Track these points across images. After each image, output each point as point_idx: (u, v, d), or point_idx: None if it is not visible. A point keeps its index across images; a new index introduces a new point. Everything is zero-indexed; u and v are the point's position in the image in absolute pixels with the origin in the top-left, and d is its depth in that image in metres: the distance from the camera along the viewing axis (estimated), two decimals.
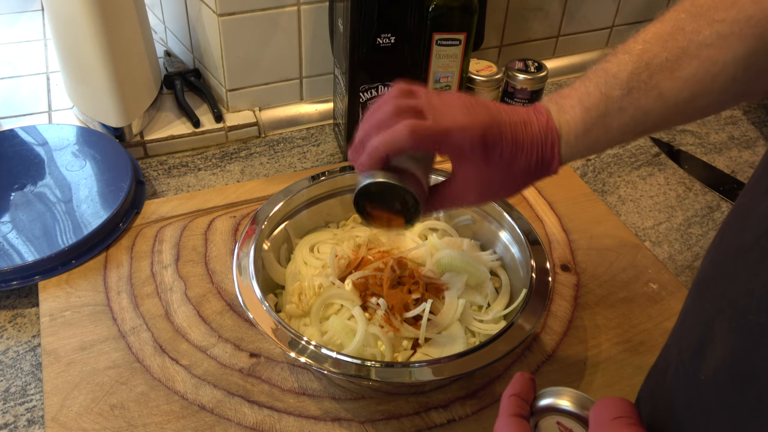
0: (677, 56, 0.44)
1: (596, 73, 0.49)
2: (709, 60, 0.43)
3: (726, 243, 0.35)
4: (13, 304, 0.69)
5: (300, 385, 0.61)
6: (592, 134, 0.49)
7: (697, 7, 0.44)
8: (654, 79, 0.46)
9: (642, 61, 0.46)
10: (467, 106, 0.49)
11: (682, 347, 0.36)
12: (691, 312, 0.36)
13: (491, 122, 0.48)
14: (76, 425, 0.57)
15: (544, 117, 0.49)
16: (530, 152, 0.49)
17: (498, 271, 0.69)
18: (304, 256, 0.69)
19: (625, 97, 0.47)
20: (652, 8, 1.19)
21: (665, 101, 0.46)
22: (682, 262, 0.79)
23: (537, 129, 0.49)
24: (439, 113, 0.48)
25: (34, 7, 1.22)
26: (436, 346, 0.61)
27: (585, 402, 0.41)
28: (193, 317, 0.67)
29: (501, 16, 1.05)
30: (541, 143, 0.49)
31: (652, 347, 0.66)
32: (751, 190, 0.34)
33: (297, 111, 0.98)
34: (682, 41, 0.44)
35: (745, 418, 0.30)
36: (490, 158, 0.49)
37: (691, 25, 0.44)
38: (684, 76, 0.44)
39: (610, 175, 0.92)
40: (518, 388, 0.43)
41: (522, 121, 0.49)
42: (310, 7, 0.89)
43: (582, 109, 0.48)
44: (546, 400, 0.42)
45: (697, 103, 0.46)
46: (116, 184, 0.78)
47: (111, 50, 0.81)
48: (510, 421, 0.41)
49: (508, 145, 0.49)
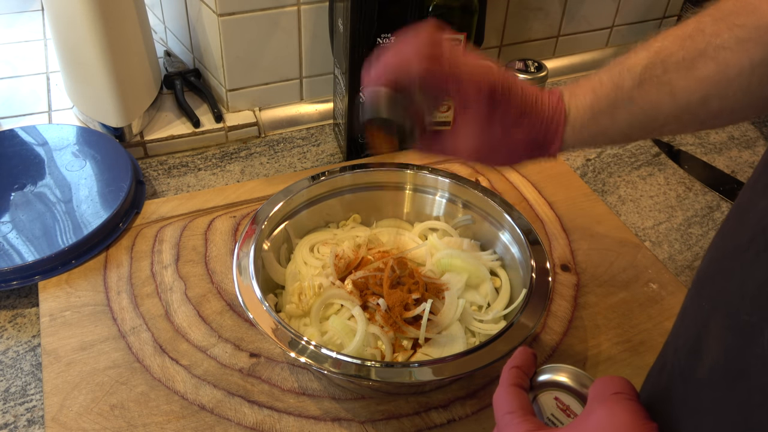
0: (694, 56, 0.45)
1: (613, 66, 0.49)
2: (725, 63, 0.44)
3: (724, 242, 0.35)
4: (13, 304, 0.69)
5: (300, 385, 0.61)
6: (599, 123, 0.49)
7: (720, 11, 0.45)
8: (667, 76, 0.46)
9: (658, 57, 0.46)
10: (486, 64, 0.50)
11: (678, 346, 0.36)
12: (689, 311, 0.37)
13: (503, 81, 0.49)
14: (76, 425, 0.57)
15: (555, 97, 0.51)
16: (533, 124, 0.50)
17: (498, 271, 0.69)
18: (304, 256, 0.69)
19: (635, 89, 0.47)
20: (652, 8, 1.19)
21: (677, 99, 0.46)
22: (682, 262, 0.79)
23: (547, 106, 0.50)
24: (456, 57, 0.49)
25: (34, 7, 1.22)
26: (436, 346, 0.61)
27: (584, 379, 0.42)
28: (193, 317, 0.67)
29: (501, 16, 1.05)
30: (548, 120, 0.50)
31: (652, 347, 0.66)
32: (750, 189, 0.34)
33: (297, 111, 0.98)
34: (700, 42, 0.45)
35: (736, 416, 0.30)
36: (493, 116, 0.50)
37: (711, 27, 0.44)
38: (699, 77, 0.45)
39: (610, 175, 0.92)
40: (519, 361, 0.44)
41: (534, 95, 0.51)
42: (310, 7, 0.89)
43: (593, 96, 0.49)
44: (545, 375, 0.43)
45: (710, 106, 0.46)
46: (116, 184, 0.78)
47: (111, 50, 0.81)
48: (510, 390, 0.42)
49: (513, 107, 0.50)
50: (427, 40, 0.49)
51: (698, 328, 0.34)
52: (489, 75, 0.49)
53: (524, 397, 0.42)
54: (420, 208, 0.75)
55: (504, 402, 0.42)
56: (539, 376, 0.43)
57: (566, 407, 0.42)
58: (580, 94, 0.50)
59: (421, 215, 0.76)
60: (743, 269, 0.31)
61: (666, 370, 0.37)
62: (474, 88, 0.49)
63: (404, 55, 0.49)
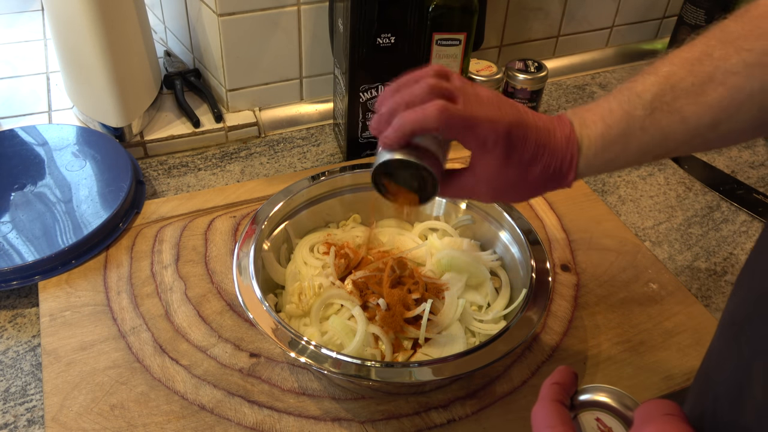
0: (703, 81, 0.44)
1: (621, 92, 0.48)
2: (734, 88, 0.43)
3: (762, 283, 0.34)
4: (13, 304, 0.69)
5: (300, 385, 0.61)
6: (611, 151, 0.49)
7: (727, 34, 0.44)
8: (678, 103, 0.45)
9: (668, 84, 0.46)
10: (498, 102, 0.49)
11: (718, 393, 0.35)
12: (725, 353, 0.35)
13: (518, 122, 0.48)
14: (76, 425, 0.57)
15: (567, 128, 0.50)
16: (549, 160, 0.49)
17: (498, 271, 0.69)
18: (304, 256, 0.69)
19: (647, 117, 0.46)
20: (652, 8, 1.19)
21: (687, 125, 0.45)
22: (682, 262, 0.79)
23: (560, 139, 0.49)
24: (470, 101, 0.48)
25: (34, 7, 1.22)
26: (436, 346, 0.61)
27: (626, 400, 0.40)
28: (193, 317, 0.67)
29: (501, 16, 1.05)
30: (562, 154, 0.49)
31: (652, 347, 0.66)
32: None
33: (297, 111, 0.98)
34: (708, 66, 0.44)
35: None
36: (510, 157, 0.49)
37: (719, 51, 0.44)
38: (708, 102, 0.44)
39: (610, 175, 0.92)
40: (560, 378, 0.42)
41: (546, 128, 0.50)
42: (310, 7, 0.89)
43: (604, 126, 0.48)
44: (586, 395, 0.41)
45: (720, 130, 0.45)
46: (116, 184, 0.78)
47: (111, 50, 0.81)
48: (551, 406, 0.40)
49: (530, 147, 0.49)
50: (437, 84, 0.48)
51: (739, 373, 0.33)
52: (505, 116, 0.48)
53: (565, 413, 0.40)
54: (420, 208, 0.75)
55: (545, 416, 0.40)
56: (580, 396, 0.42)
57: (608, 429, 0.41)
58: (591, 123, 0.49)
59: (421, 215, 0.76)
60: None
61: (705, 419, 0.36)
62: (492, 133, 0.48)
63: (416, 105, 0.48)
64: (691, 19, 1.11)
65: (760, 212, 0.86)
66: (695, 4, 1.09)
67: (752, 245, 0.36)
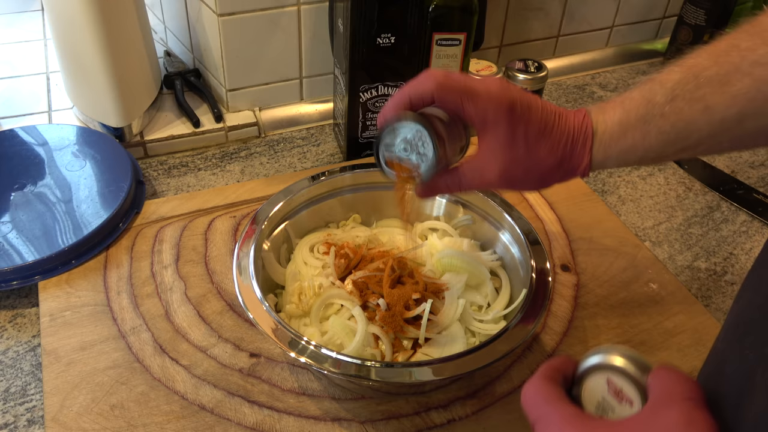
0: (728, 71, 0.43)
1: (644, 83, 0.48)
2: (761, 79, 0.41)
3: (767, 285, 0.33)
4: (13, 304, 0.69)
5: (300, 385, 0.61)
6: (628, 138, 0.47)
7: (756, 26, 0.43)
8: (701, 91, 0.44)
9: (691, 73, 0.45)
10: (503, 83, 0.49)
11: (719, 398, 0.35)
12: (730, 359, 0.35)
13: (522, 99, 0.48)
14: (76, 425, 0.57)
15: (581, 114, 0.49)
16: (558, 143, 0.49)
17: (498, 271, 0.69)
18: (304, 256, 0.69)
19: (667, 104, 0.45)
20: (652, 8, 1.19)
21: (711, 115, 0.44)
22: (682, 262, 0.79)
23: (572, 123, 0.49)
24: (471, 77, 0.49)
25: (34, 7, 1.22)
26: (436, 346, 0.61)
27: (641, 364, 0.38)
28: (193, 317, 0.67)
29: (501, 16, 1.05)
30: (573, 137, 0.49)
31: (652, 347, 0.66)
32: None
33: (297, 111, 0.98)
34: (735, 57, 0.43)
35: None
36: (515, 135, 0.48)
37: (746, 42, 0.42)
38: (733, 92, 0.43)
39: (610, 175, 0.92)
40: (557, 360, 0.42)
41: (556, 112, 0.49)
42: (310, 7, 0.89)
43: (622, 111, 0.48)
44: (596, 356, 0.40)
45: (746, 125, 0.43)
46: (116, 184, 0.78)
47: (111, 50, 0.81)
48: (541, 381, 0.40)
49: (534, 125, 0.48)
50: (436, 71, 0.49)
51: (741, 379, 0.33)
52: (508, 92, 0.48)
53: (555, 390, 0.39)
54: (420, 208, 0.75)
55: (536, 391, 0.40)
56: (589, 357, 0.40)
57: (618, 390, 0.39)
58: (609, 109, 0.49)
59: (421, 215, 0.76)
60: None
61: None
62: (492, 104, 0.48)
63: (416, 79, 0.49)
64: (691, 19, 1.11)
65: (760, 212, 0.86)
66: (695, 4, 1.09)
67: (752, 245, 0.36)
